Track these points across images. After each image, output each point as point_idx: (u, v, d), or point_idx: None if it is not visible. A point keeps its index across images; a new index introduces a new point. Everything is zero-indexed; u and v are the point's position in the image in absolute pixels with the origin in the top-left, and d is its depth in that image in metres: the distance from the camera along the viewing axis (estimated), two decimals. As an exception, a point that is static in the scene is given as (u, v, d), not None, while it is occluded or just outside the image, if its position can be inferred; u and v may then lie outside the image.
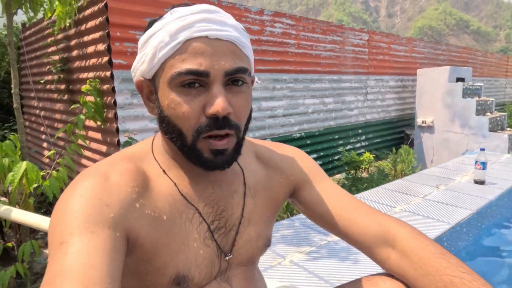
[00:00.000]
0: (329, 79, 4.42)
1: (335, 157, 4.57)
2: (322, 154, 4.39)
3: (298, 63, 3.98)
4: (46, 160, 3.86)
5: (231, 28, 0.53)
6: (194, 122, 0.52)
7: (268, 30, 3.62)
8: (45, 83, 3.67)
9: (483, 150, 2.95)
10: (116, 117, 2.56)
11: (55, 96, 3.53)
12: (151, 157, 0.60)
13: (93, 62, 2.70)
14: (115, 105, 2.54)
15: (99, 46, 2.56)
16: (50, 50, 3.44)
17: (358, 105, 4.95)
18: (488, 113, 5.04)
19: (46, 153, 3.92)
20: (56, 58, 3.27)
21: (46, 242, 2.78)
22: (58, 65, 3.18)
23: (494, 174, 3.28)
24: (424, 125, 5.22)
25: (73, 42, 3.01)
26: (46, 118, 3.91)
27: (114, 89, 2.52)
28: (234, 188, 0.64)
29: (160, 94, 0.54)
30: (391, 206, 2.48)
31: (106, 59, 2.51)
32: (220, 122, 0.52)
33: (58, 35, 3.22)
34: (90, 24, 2.66)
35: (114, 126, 2.58)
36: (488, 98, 5.20)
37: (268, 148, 0.72)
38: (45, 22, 3.57)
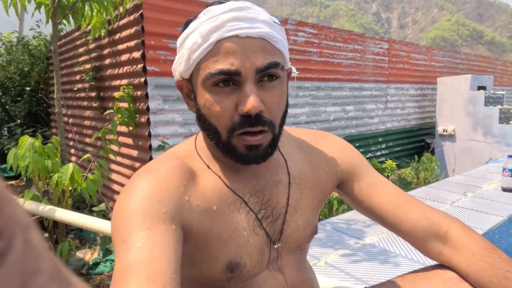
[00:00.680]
0: (350, 87, 4.45)
1: (356, 165, 4.55)
2: (343, 161, 4.38)
3: (320, 71, 4.03)
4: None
5: (263, 24, 0.53)
6: (228, 120, 0.54)
7: (291, 39, 3.69)
8: (77, 91, 3.80)
9: (511, 157, 2.92)
10: (148, 122, 2.63)
11: (85, 103, 3.65)
12: (195, 154, 0.62)
13: (126, 69, 2.80)
14: (148, 110, 2.62)
15: (134, 54, 2.66)
16: (81, 59, 3.58)
17: (378, 113, 4.96)
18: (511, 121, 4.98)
19: (74, 159, 4.04)
20: (88, 66, 3.39)
21: (81, 241, 2.84)
22: (90, 73, 3.30)
23: (523, 181, 3.22)
24: (445, 133, 5.17)
25: (106, 51, 3.13)
26: (74, 125, 4.03)
27: (147, 95, 2.61)
28: (278, 178, 0.64)
29: (197, 94, 0.57)
30: (421, 211, 2.47)
31: (140, 66, 2.60)
32: (252, 119, 0.53)
33: (91, 45, 3.35)
34: (125, 33, 2.77)
35: (146, 131, 2.66)
36: (510, 107, 5.14)
37: (310, 138, 0.72)
38: (76, 33, 3.72)
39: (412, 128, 5.65)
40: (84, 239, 2.87)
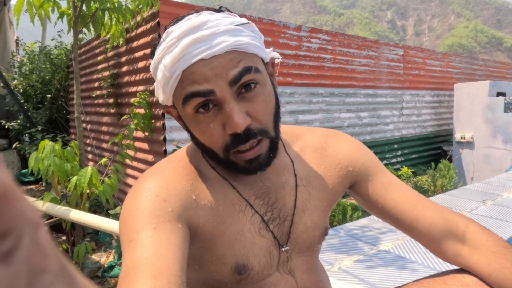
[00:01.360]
0: (364, 94, 4.42)
1: (371, 172, 4.50)
2: (357, 168, 4.34)
3: (334, 78, 4.03)
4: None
5: (225, 35, 0.51)
6: (220, 142, 0.54)
7: (305, 46, 3.71)
8: (95, 97, 3.91)
9: (533, 163, 2.83)
10: (164, 127, 2.68)
11: (103, 110, 3.74)
12: (201, 156, 0.62)
13: (143, 76, 2.87)
14: (163, 115, 2.67)
15: (150, 61, 2.72)
16: (100, 66, 3.68)
17: (393, 119, 4.90)
18: (532, 128, 4.83)
19: (91, 163, 4.13)
20: (106, 74, 3.49)
21: (97, 244, 2.89)
22: (108, 80, 3.40)
23: (545, 189, 3.12)
24: (463, 140, 5.06)
25: (123, 59, 3.21)
26: (92, 131, 4.13)
27: (163, 100, 2.66)
28: (284, 179, 0.64)
29: (184, 120, 0.57)
30: (438, 218, 2.42)
31: (156, 73, 2.66)
32: (242, 136, 0.52)
33: (109, 53, 3.45)
34: (142, 41, 2.84)
35: (162, 136, 2.70)
36: (531, 113, 4.99)
37: (321, 136, 0.70)
38: (95, 42, 3.84)
39: (428, 135, 5.55)
40: (100, 243, 2.92)
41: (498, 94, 5.08)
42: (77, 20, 2.11)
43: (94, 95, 3.89)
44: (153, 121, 2.80)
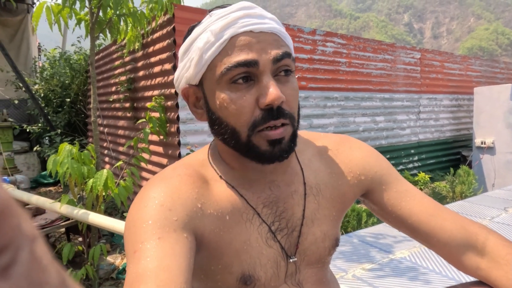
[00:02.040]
0: (380, 98, 4.36)
1: (387, 177, 4.42)
2: (373, 173, 4.27)
3: (349, 81, 3.99)
4: (108, 173, 4.13)
5: (271, 20, 0.54)
6: (249, 117, 0.52)
7: (320, 49, 3.69)
8: (112, 102, 3.99)
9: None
10: (178, 131, 2.71)
11: (120, 113, 3.81)
12: (208, 163, 0.61)
13: (158, 80, 2.91)
14: (178, 120, 2.70)
15: (166, 66, 2.76)
16: (117, 71, 3.76)
17: (410, 124, 4.81)
18: (557, 133, 4.65)
19: (108, 166, 4.20)
20: (123, 78, 3.56)
21: (112, 246, 2.94)
22: (125, 84, 3.46)
23: None
24: (483, 146, 4.92)
25: (140, 64, 3.27)
26: (109, 134, 4.21)
27: (177, 105, 2.69)
28: (293, 188, 0.62)
29: (210, 96, 0.55)
30: (457, 226, 2.35)
31: (171, 78, 2.69)
32: (275, 112, 0.52)
33: (126, 58, 3.52)
34: (158, 46, 2.89)
35: (176, 140, 2.73)
36: (556, 118, 4.81)
37: (333, 143, 0.68)
38: (113, 47, 3.92)
39: (447, 140, 5.42)
40: (115, 245, 2.96)
41: (521, 98, 4.91)
42: (94, 26, 2.16)
43: (111, 99, 3.97)
44: (168, 125, 2.83)
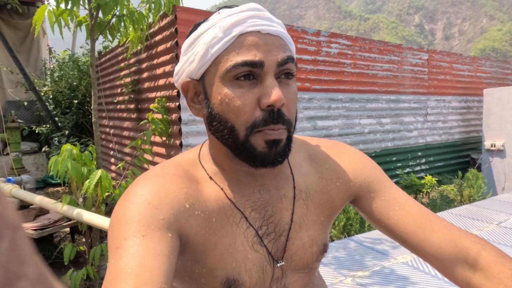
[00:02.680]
0: (386, 99, 4.30)
1: (393, 180, 4.36)
2: (379, 176, 4.22)
3: (354, 83, 3.95)
4: (113, 174, 4.16)
5: (278, 25, 0.55)
6: (249, 116, 0.52)
7: (324, 51, 3.66)
8: (117, 103, 4.02)
9: None
10: (180, 132, 2.71)
11: (125, 115, 3.84)
12: (198, 164, 0.60)
13: (161, 82, 2.92)
14: (180, 121, 2.70)
15: (168, 67, 2.77)
16: (122, 73, 3.79)
17: (417, 126, 4.74)
18: None
19: (113, 167, 4.24)
20: (128, 80, 3.58)
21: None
22: (130, 86, 3.49)
23: None
24: (493, 148, 4.81)
25: (144, 65, 3.29)
26: (114, 135, 4.25)
27: (179, 106, 2.69)
28: (283, 192, 0.61)
29: (211, 91, 0.55)
30: (462, 230, 2.29)
31: (173, 79, 2.70)
32: (275, 115, 0.52)
33: (131, 60, 3.55)
34: (161, 48, 2.90)
35: (178, 141, 2.73)
36: None
37: (324, 148, 0.68)
38: (118, 49, 3.96)
39: (455, 142, 5.32)
40: (117, 245, 2.97)
41: (532, 100, 4.80)
42: (93, 28, 2.18)
43: (115, 101, 4.00)
44: (170, 126, 2.83)
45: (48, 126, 5.19)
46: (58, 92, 5.54)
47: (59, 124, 5.18)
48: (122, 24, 2.19)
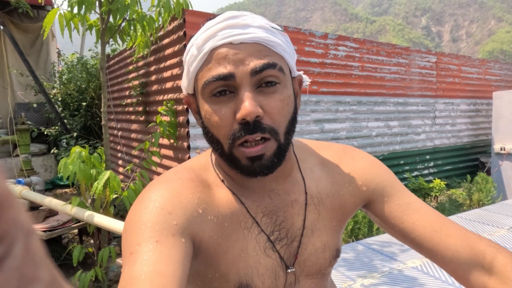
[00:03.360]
0: (394, 102, 4.28)
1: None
2: (386, 179, 4.18)
3: (361, 86, 3.93)
4: (121, 177, 4.19)
5: (257, 29, 0.52)
6: (228, 130, 0.52)
7: (331, 53, 3.66)
8: (125, 105, 4.05)
9: None
10: (188, 135, 2.72)
11: (133, 117, 3.86)
12: (211, 167, 0.61)
13: (169, 85, 2.93)
14: (188, 123, 2.71)
15: (176, 70, 2.79)
16: (131, 76, 3.82)
17: (425, 129, 4.70)
18: None
19: (121, 169, 4.26)
20: (136, 83, 3.61)
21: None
22: (138, 89, 3.51)
23: None
24: (503, 152, 4.75)
25: (152, 68, 3.31)
26: (122, 138, 4.28)
27: (187, 109, 2.70)
28: (294, 197, 0.61)
29: (199, 106, 0.56)
30: (472, 235, 2.27)
31: (181, 82, 2.71)
32: (251, 126, 0.50)
33: (139, 62, 3.57)
34: (169, 51, 2.92)
35: (186, 143, 2.74)
36: None
37: (335, 153, 0.68)
38: (126, 53, 3.99)
39: (464, 145, 5.26)
40: (125, 247, 2.99)
41: (543, 103, 4.73)
42: (104, 31, 2.20)
43: (124, 103, 4.03)
44: (178, 129, 2.84)
45: (56, 128, 5.24)
46: (67, 94, 5.60)
47: (68, 126, 5.23)
48: (132, 28, 2.21)
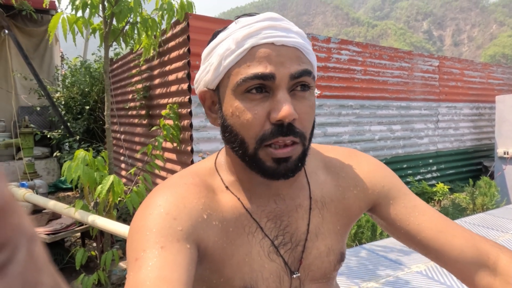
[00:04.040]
0: (396, 106, 4.28)
1: (404, 187, 4.30)
2: (389, 183, 4.17)
3: (364, 89, 3.94)
4: (123, 180, 4.19)
5: (296, 34, 0.53)
6: (258, 130, 0.51)
7: (334, 57, 3.66)
8: (128, 109, 4.06)
9: None
10: (191, 138, 2.72)
11: (136, 121, 3.87)
12: (215, 172, 0.61)
13: (173, 88, 2.94)
14: (191, 127, 2.72)
15: (180, 74, 2.80)
16: (134, 79, 3.83)
17: (428, 133, 4.69)
18: None
19: (124, 173, 4.27)
20: (139, 86, 3.62)
21: (124, 252, 2.96)
22: (141, 92, 3.52)
23: None
24: (506, 156, 4.73)
25: (155, 72, 3.32)
26: (125, 141, 4.28)
27: (191, 112, 2.71)
28: (298, 201, 0.61)
29: (224, 103, 0.54)
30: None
31: (185, 86, 2.72)
32: (285, 129, 0.50)
33: (142, 66, 3.59)
34: (173, 54, 2.93)
35: (189, 147, 2.74)
36: None
37: (340, 156, 0.68)
38: (130, 56, 4.01)
39: (467, 149, 5.25)
40: (127, 250, 2.98)
41: (546, 107, 4.72)
42: (107, 35, 2.21)
43: (127, 107, 4.04)
44: (181, 132, 2.85)
45: (59, 131, 5.26)
46: (70, 98, 5.62)
47: (71, 129, 5.25)
48: (136, 31, 2.22)
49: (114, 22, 2.20)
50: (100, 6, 2.15)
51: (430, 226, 0.60)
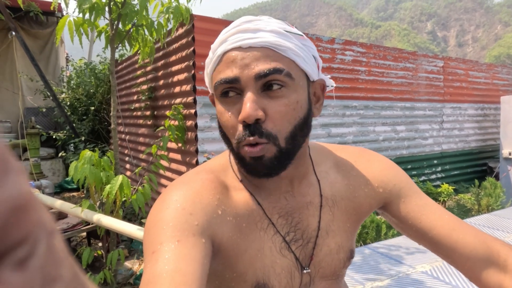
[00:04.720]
0: (401, 107, 4.27)
1: (408, 188, 4.29)
2: (393, 184, 4.16)
3: (368, 90, 3.94)
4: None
5: (268, 33, 0.53)
6: (234, 130, 0.54)
7: (338, 58, 3.67)
8: (133, 110, 4.09)
9: None
10: (196, 139, 2.74)
11: (140, 121, 3.90)
12: (229, 168, 0.62)
13: (178, 89, 2.96)
14: (196, 127, 2.73)
15: (185, 75, 2.82)
16: (139, 80, 3.86)
17: (433, 134, 4.68)
18: None
19: (128, 173, 4.29)
20: (144, 87, 3.65)
21: (130, 251, 2.98)
22: (146, 93, 3.55)
23: None
24: (511, 157, 4.71)
25: (160, 73, 3.35)
26: (130, 142, 4.31)
27: (196, 113, 2.73)
28: (308, 199, 0.63)
29: (215, 106, 0.59)
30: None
31: (190, 86, 2.74)
32: (251, 128, 0.52)
33: (148, 67, 3.61)
34: (178, 55, 2.95)
35: (194, 147, 2.76)
36: None
37: (351, 155, 0.69)
38: (135, 57, 4.03)
39: (472, 150, 5.22)
40: (133, 250, 3.00)
41: (552, 107, 4.69)
42: (113, 37, 2.24)
43: (132, 108, 4.07)
44: (186, 133, 2.87)
45: (65, 132, 5.30)
46: (75, 99, 5.66)
47: (76, 130, 5.29)
48: (146, 31, 2.24)
49: (120, 25, 2.23)
50: (106, 8, 2.17)
51: (442, 224, 0.60)
